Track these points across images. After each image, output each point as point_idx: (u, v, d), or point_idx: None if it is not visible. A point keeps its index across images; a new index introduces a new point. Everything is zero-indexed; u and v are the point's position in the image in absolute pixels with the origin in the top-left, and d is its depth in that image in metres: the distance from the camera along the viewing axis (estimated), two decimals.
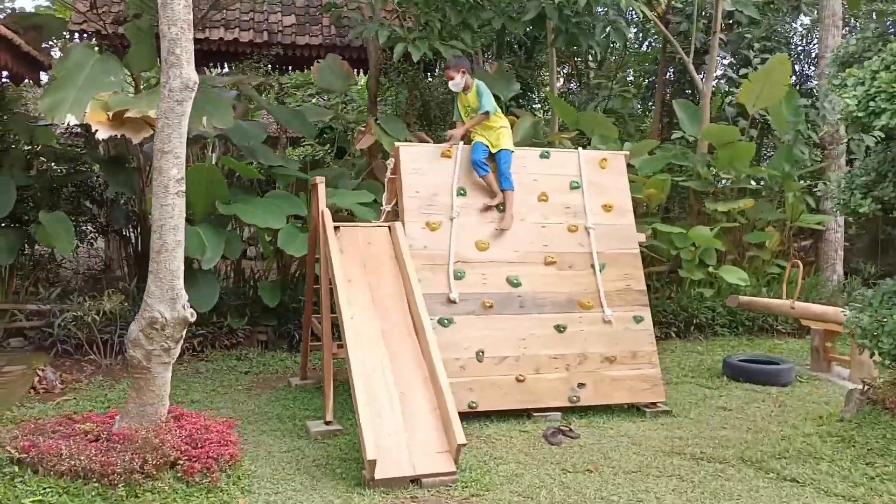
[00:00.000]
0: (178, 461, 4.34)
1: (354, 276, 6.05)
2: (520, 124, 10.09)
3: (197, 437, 4.65)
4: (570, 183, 7.05)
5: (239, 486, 4.68)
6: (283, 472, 5.07)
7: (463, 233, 6.62)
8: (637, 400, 6.65)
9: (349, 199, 8.09)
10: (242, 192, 8.69)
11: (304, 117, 9.13)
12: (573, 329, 6.62)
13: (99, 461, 4.12)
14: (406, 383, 5.39)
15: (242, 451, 5.35)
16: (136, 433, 4.29)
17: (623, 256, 6.97)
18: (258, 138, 8.47)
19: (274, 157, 8.78)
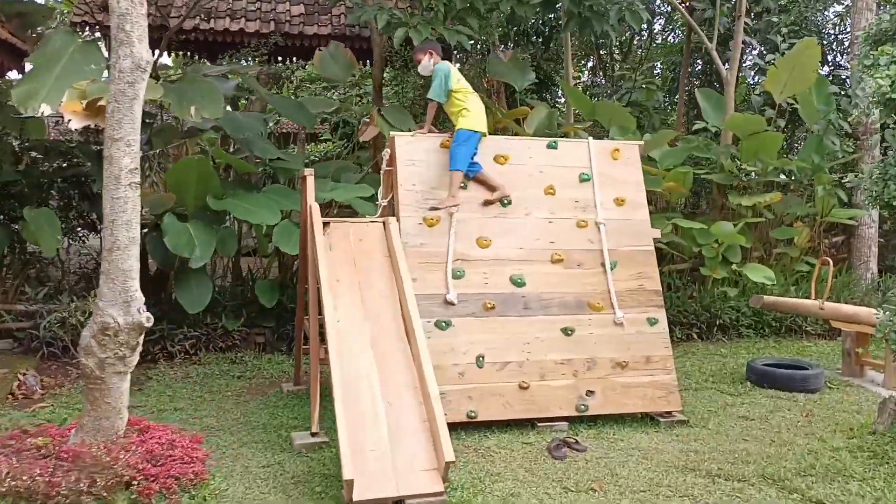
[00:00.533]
0: (133, 481, 3.94)
1: (343, 276, 5.63)
2: (534, 115, 9.63)
3: (158, 454, 4.25)
4: (580, 175, 6.56)
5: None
6: (257, 490, 4.65)
7: (463, 229, 6.16)
8: (651, 409, 6.16)
9: (349, 192, 7.67)
10: (241, 187, 8.31)
11: (306, 108, 8.72)
12: (582, 332, 6.14)
13: (44, 482, 3.73)
14: (394, 393, 4.96)
15: (217, 467, 4.96)
16: (87, 450, 3.90)
17: (636, 254, 6.47)
18: (254, 130, 8.08)
19: (273, 150, 8.38)
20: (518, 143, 6.57)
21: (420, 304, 5.79)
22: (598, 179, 6.56)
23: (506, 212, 6.30)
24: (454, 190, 6.11)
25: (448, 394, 5.74)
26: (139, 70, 3.78)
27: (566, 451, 5.44)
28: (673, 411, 6.21)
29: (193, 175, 7.34)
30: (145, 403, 6.50)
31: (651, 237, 6.59)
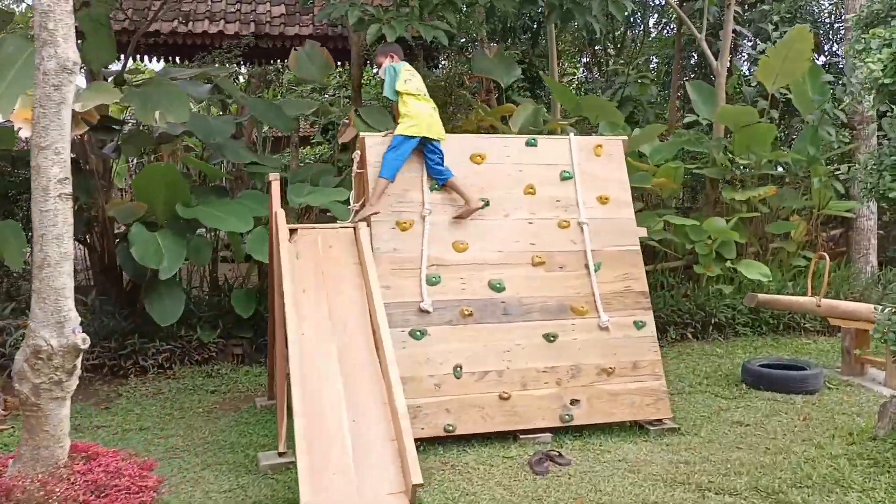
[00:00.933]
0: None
1: (310, 286, 5.33)
2: (520, 112, 9.33)
3: (103, 484, 3.95)
4: (561, 173, 6.26)
5: None
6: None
7: (438, 232, 5.87)
8: (639, 417, 5.86)
9: (326, 197, 7.38)
10: (214, 193, 8.02)
11: (282, 111, 8.43)
12: (565, 338, 5.84)
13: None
14: (362, 409, 4.66)
15: (175, 493, 4.70)
16: (19, 483, 3.61)
17: (621, 254, 6.17)
18: (224, 134, 7.78)
19: (246, 155, 8.10)
20: (495, 142, 6.28)
21: (393, 313, 5.52)
22: (580, 177, 6.26)
23: (483, 213, 6.00)
24: (374, 198, 5.78)
25: (424, 407, 5.46)
26: (65, 72, 3.49)
27: (549, 466, 5.14)
28: (663, 419, 5.91)
29: (161, 183, 7.06)
30: (111, 423, 6.21)
31: (637, 236, 6.29)
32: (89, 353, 7.46)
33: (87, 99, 5.81)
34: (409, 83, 5.92)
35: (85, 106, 5.73)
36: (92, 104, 5.78)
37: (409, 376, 5.46)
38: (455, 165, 6.05)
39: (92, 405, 6.71)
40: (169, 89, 6.99)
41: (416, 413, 5.42)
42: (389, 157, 5.80)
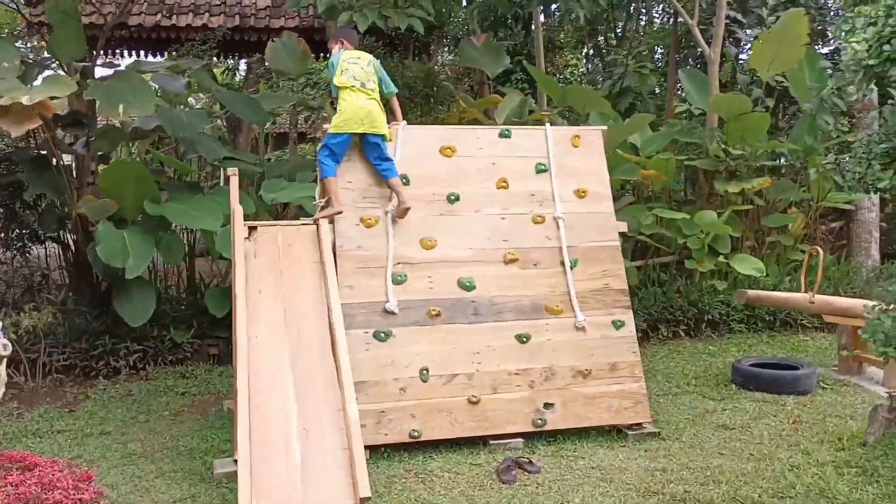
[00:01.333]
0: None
1: (267, 286, 5.10)
2: (506, 103, 9.05)
3: (34, 497, 3.73)
4: (536, 166, 5.99)
5: None
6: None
7: (405, 229, 5.61)
8: (617, 421, 5.59)
9: (298, 193, 7.13)
10: (188, 189, 7.79)
11: (257, 104, 8.17)
12: (539, 339, 5.58)
13: None
14: (313, 416, 4.42)
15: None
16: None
17: (600, 250, 5.89)
18: (196, 128, 7.54)
19: (219, 150, 7.86)
20: (466, 133, 6.01)
21: (357, 314, 5.29)
22: (556, 170, 5.99)
23: (453, 209, 5.74)
24: (334, 198, 5.55)
25: (388, 411, 5.21)
26: None
27: (516, 474, 4.89)
28: (643, 423, 5.64)
29: (129, 179, 6.83)
30: (72, 427, 6.00)
31: (617, 231, 6.01)
32: (60, 355, 7.28)
33: (37, 92, 5.59)
34: (345, 74, 5.62)
35: (32, 98, 5.50)
36: (40, 97, 5.55)
37: (372, 380, 5.23)
38: (424, 159, 5.80)
39: (57, 408, 6.51)
40: (134, 82, 6.76)
41: (379, 418, 5.19)
42: (322, 154, 5.60)
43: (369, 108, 5.55)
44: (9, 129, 5.71)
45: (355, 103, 5.53)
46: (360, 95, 5.57)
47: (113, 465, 5.19)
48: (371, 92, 5.62)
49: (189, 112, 7.99)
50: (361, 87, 5.57)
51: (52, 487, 3.90)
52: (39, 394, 6.94)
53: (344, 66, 5.64)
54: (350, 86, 5.57)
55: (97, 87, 6.78)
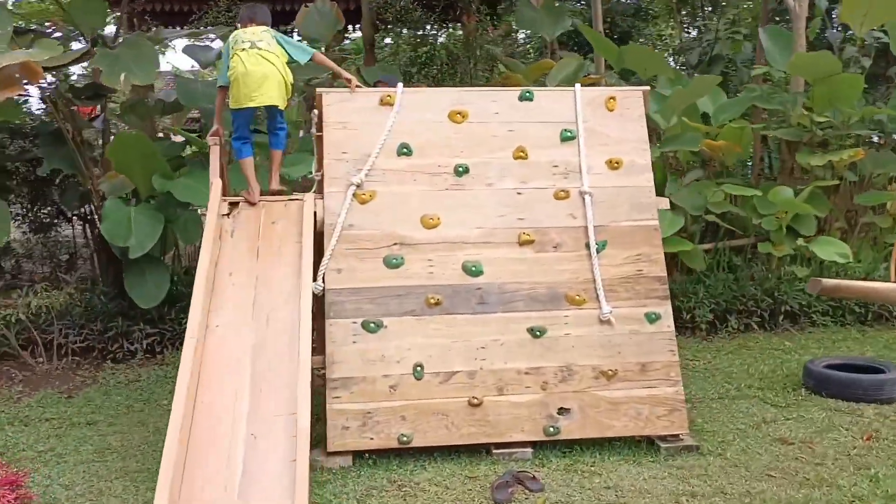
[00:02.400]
0: None
1: (239, 268, 4.56)
2: (561, 69, 8.21)
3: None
4: (562, 133, 5.18)
5: None
6: None
7: (404, 204, 4.94)
8: (646, 431, 4.77)
9: (302, 168, 6.57)
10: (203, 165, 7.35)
11: None
12: (555, 333, 4.81)
13: None
14: (266, 420, 3.85)
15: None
16: None
17: (633, 231, 5.05)
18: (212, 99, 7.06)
19: None
20: (480, 96, 5.25)
21: (345, 301, 4.69)
22: (585, 137, 5.17)
23: (461, 182, 5.02)
24: (251, 181, 5.14)
25: (376, 413, 4.58)
26: None
27: (513, 492, 4.16)
28: (679, 434, 4.79)
29: (134, 154, 6.44)
30: (62, 415, 5.67)
31: (656, 208, 5.15)
32: (76, 336, 7.01)
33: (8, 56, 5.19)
34: (238, 45, 5.06)
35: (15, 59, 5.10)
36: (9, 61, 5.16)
37: (359, 376, 4.61)
38: (429, 125, 5.10)
39: (58, 393, 6.22)
40: (140, 50, 6.34)
41: (365, 420, 4.56)
42: (232, 138, 5.34)
43: (261, 73, 4.97)
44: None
45: (243, 69, 4.96)
46: (249, 57, 4.98)
47: (81, 460, 4.78)
48: (266, 52, 5.02)
49: (207, 83, 7.54)
50: (251, 48, 4.96)
51: None
52: (52, 376, 6.69)
53: (244, 37, 5.11)
54: (241, 49, 4.98)
55: (104, 55, 6.40)
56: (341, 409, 4.56)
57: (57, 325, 6.90)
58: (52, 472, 4.58)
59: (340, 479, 4.37)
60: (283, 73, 5.10)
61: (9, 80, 5.37)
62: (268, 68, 5.00)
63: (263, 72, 4.99)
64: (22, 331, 6.93)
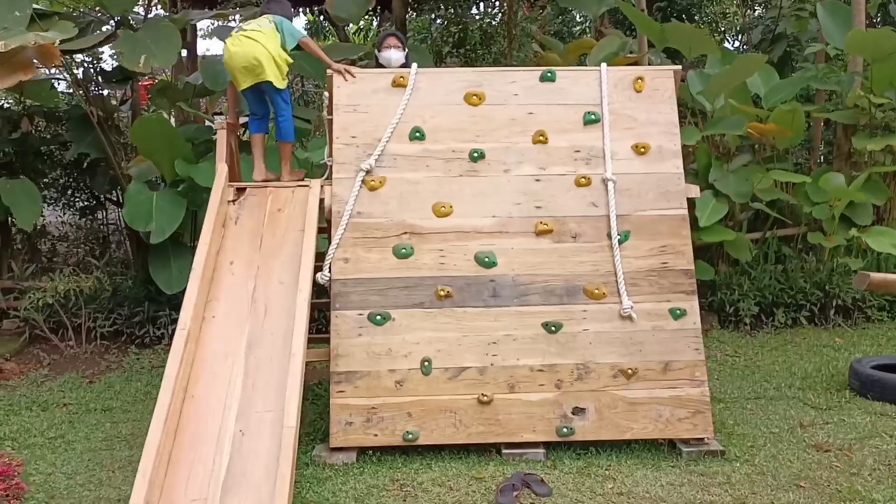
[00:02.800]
0: None
1: (240, 257, 4.43)
2: (603, 47, 7.82)
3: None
4: (585, 115, 4.89)
5: None
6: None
7: (415, 193, 4.73)
8: (668, 434, 4.49)
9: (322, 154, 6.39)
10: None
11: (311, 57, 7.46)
12: (572, 328, 4.55)
13: None
14: (255, 418, 3.70)
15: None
16: None
17: (659, 221, 4.74)
18: None
19: None
20: (498, 77, 4.97)
21: (351, 292, 4.52)
22: (610, 120, 4.86)
23: (476, 168, 4.78)
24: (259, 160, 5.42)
25: (381, 408, 4.41)
26: None
27: (519, 495, 3.94)
28: (704, 437, 4.49)
29: (155, 137, 6.37)
30: (80, 400, 5.68)
31: (685, 197, 4.82)
32: (105, 320, 7.02)
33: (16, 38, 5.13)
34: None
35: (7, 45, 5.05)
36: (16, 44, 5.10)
37: (364, 370, 4.44)
38: (443, 108, 4.87)
39: (81, 377, 6.24)
40: (162, 32, 6.26)
41: (369, 416, 4.40)
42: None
43: (243, 52, 4.91)
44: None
45: (227, 54, 4.97)
46: (235, 40, 4.94)
47: (89, 448, 4.75)
48: (252, 32, 4.95)
49: None
50: (238, 31, 4.87)
51: None
52: (79, 360, 6.73)
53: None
54: (230, 37, 5.01)
55: (127, 37, 6.34)
56: (345, 405, 4.40)
57: (86, 310, 6.92)
58: (58, 460, 4.55)
59: (342, 476, 4.22)
60: (271, 50, 5.01)
61: (24, 63, 5.34)
62: (249, 46, 4.96)
63: (244, 51, 4.95)
64: (53, 314, 6.97)
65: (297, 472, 4.20)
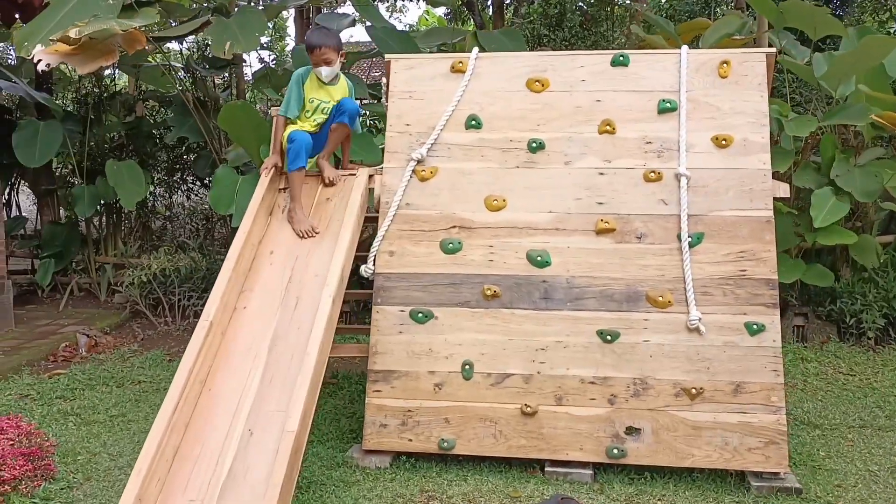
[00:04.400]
0: None
1: (281, 247, 4.31)
2: (718, 28, 7.18)
3: None
4: (659, 103, 4.40)
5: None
6: None
7: (468, 184, 4.44)
8: (735, 465, 3.97)
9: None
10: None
11: (411, 40, 7.30)
12: (631, 338, 4.12)
13: None
14: (266, 416, 3.56)
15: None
16: None
17: (739, 223, 4.20)
18: None
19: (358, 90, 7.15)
20: (564, 61, 4.57)
21: (394, 287, 4.31)
22: (688, 108, 4.36)
23: (534, 159, 4.42)
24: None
25: (417, 412, 4.18)
26: None
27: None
28: (779, 471, 3.95)
29: (241, 123, 6.38)
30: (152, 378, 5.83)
31: (771, 197, 4.24)
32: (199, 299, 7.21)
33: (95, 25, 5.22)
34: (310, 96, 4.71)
35: (81, 32, 5.16)
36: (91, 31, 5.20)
37: (402, 370, 4.23)
38: (502, 95, 4.54)
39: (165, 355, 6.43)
40: (248, 17, 6.27)
41: (405, 419, 4.18)
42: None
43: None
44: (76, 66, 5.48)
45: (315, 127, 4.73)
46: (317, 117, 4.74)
47: (142, 430, 4.76)
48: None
49: None
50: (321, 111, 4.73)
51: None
52: (171, 337, 6.94)
53: (308, 89, 4.70)
54: (314, 105, 4.72)
55: (218, 24, 6.40)
56: (381, 405, 4.20)
57: (180, 288, 7.12)
58: (111, 440, 4.64)
59: (371, 481, 4.03)
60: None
61: (107, 49, 5.47)
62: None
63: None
64: (152, 291, 7.23)
65: (325, 473, 4.07)
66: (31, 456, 3.74)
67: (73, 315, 7.42)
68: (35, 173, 8.06)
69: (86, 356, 6.37)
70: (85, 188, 7.50)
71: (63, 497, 3.80)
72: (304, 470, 3.96)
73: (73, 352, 6.40)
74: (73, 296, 7.97)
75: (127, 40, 5.62)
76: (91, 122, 7.72)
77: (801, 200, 6.53)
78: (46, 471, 3.80)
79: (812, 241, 6.23)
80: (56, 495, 3.79)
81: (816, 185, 6.18)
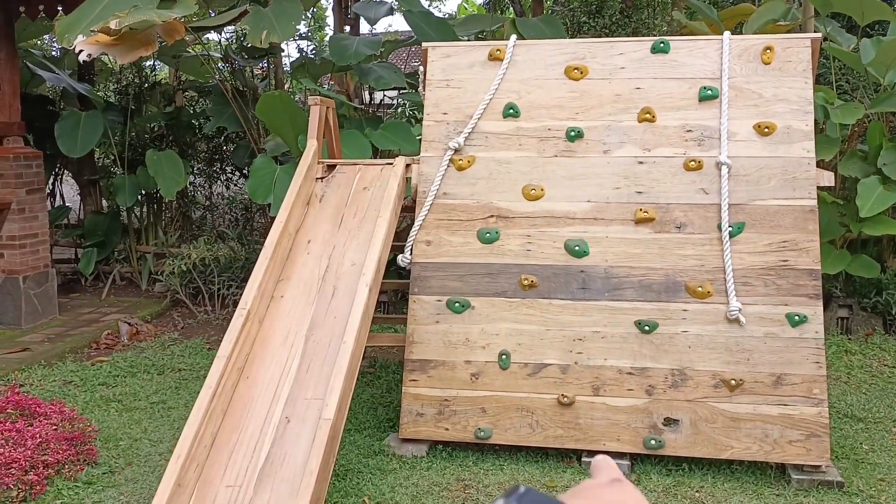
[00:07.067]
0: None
1: (318, 236, 4.32)
2: (762, 14, 7.03)
3: None
4: (700, 90, 4.33)
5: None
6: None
7: (505, 173, 4.41)
8: (774, 458, 3.92)
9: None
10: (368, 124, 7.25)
11: (448, 27, 7.27)
12: (669, 329, 4.07)
13: None
14: (303, 405, 3.58)
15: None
16: None
17: (781, 212, 4.12)
18: (360, 56, 6.89)
19: (393, 79, 7.15)
20: (603, 49, 4.51)
21: (431, 276, 4.31)
22: (730, 95, 4.28)
23: (572, 148, 4.38)
24: None
25: (454, 401, 4.18)
26: None
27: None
28: (820, 464, 3.88)
29: (282, 114, 6.42)
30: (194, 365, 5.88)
31: (815, 186, 4.15)
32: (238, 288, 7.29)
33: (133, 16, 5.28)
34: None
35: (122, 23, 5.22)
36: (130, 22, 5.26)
37: (439, 360, 4.23)
38: (540, 83, 4.50)
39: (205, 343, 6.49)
40: (285, 6, 6.29)
41: (441, 408, 4.19)
42: None
43: None
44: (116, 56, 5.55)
45: None
46: None
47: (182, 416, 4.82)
48: None
49: (360, 39, 7.37)
50: None
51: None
52: (210, 326, 7.02)
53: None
54: None
55: (255, 13, 6.44)
56: (417, 394, 4.21)
57: (219, 278, 7.20)
58: (151, 426, 4.72)
59: (408, 468, 4.05)
60: None
61: (146, 39, 5.54)
62: None
63: None
64: (192, 280, 7.32)
65: (362, 461, 4.10)
66: (73, 440, 3.82)
67: (115, 304, 7.55)
68: (78, 163, 8.21)
69: (127, 344, 6.48)
70: (126, 178, 7.62)
71: (105, 481, 3.88)
72: (340, 458, 3.99)
73: (115, 340, 6.51)
74: (114, 285, 8.11)
75: (166, 30, 5.69)
76: (132, 113, 7.84)
77: (846, 190, 6.39)
78: (89, 455, 3.87)
79: (857, 231, 6.09)
80: (98, 479, 3.87)
81: (863, 174, 6.04)
